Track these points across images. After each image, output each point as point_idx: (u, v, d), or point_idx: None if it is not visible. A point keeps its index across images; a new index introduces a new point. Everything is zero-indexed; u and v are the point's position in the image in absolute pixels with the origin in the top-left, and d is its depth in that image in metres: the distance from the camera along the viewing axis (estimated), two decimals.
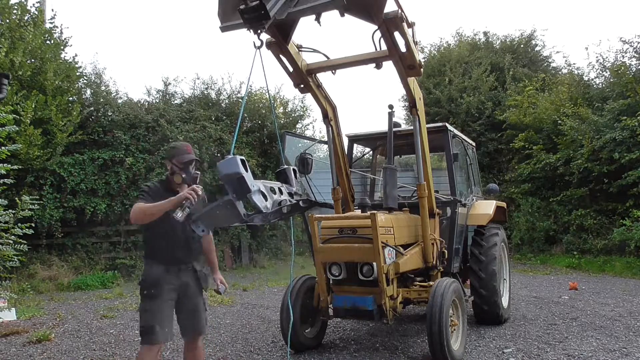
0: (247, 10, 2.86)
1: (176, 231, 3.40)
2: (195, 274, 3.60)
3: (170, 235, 3.40)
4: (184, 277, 3.53)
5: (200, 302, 3.62)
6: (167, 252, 3.44)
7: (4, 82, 4.61)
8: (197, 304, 3.61)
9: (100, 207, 10.94)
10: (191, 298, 3.57)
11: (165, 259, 3.46)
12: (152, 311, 3.46)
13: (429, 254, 5.00)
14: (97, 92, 12.47)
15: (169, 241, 3.42)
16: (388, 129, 5.04)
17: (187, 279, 3.54)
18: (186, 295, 3.55)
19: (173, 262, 3.47)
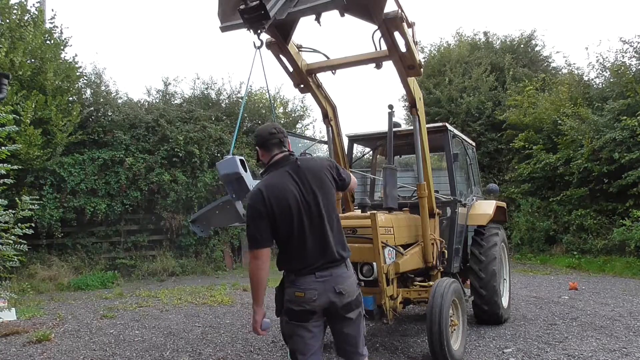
0: (247, 10, 2.86)
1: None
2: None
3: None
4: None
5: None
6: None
7: (4, 82, 4.62)
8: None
9: (100, 207, 10.94)
10: None
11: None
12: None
13: (429, 254, 5.00)
14: (97, 92, 12.49)
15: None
16: (388, 129, 5.03)
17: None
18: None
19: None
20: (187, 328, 6.30)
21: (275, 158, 2.81)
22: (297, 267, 2.72)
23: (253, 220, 2.65)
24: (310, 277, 2.69)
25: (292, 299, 2.70)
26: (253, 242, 2.66)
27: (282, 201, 2.65)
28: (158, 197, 11.55)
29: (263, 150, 2.85)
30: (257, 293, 2.71)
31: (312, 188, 2.73)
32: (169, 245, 11.94)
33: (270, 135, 2.82)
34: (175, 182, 11.46)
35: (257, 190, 2.68)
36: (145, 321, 6.75)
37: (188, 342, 5.61)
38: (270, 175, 2.76)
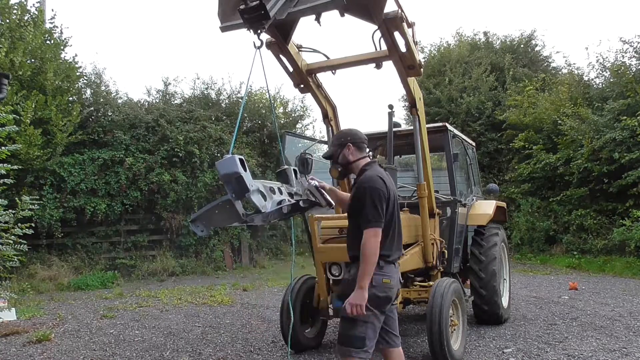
0: (247, 10, 2.86)
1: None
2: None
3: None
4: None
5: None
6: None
7: (4, 82, 4.62)
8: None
9: (100, 207, 10.94)
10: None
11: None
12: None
13: (429, 254, 5.00)
14: (97, 92, 12.49)
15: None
16: (388, 129, 5.03)
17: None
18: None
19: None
20: (187, 328, 6.30)
21: (368, 159, 3.21)
22: (387, 254, 2.97)
23: (379, 201, 2.90)
24: (392, 266, 3.01)
25: (378, 285, 2.90)
26: (376, 220, 2.88)
27: (393, 191, 3.04)
28: (158, 197, 11.55)
29: (356, 149, 3.19)
30: (370, 269, 2.85)
31: (396, 192, 3.14)
32: (169, 245, 11.93)
33: (365, 140, 3.26)
34: (175, 182, 11.46)
35: (378, 177, 2.99)
36: (145, 321, 6.75)
37: (188, 342, 5.61)
38: (375, 169, 3.11)
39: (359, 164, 3.19)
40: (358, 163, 3.20)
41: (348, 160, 3.20)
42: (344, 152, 3.20)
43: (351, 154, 3.19)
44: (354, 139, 3.20)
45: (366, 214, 2.91)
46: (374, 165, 3.16)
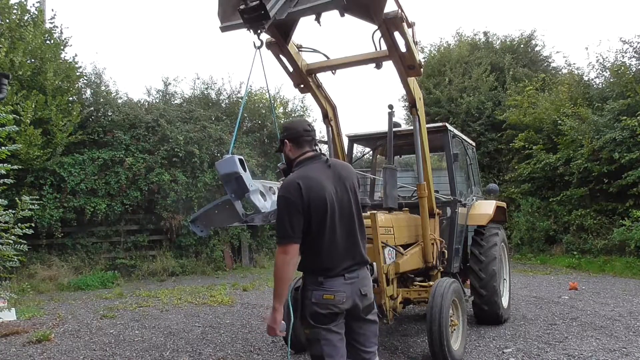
0: (247, 10, 2.86)
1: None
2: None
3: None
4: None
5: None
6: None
7: (4, 82, 4.62)
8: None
9: (100, 207, 10.94)
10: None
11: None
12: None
13: (429, 254, 5.00)
14: (97, 92, 12.48)
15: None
16: (388, 129, 5.03)
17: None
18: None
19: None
20: (187, 328, 6.30)
21: (307, 155, 2.75)
22: (326, 267, 2.63)
23: (287, 213, 2.54)
24: (339, 280, 2.63)
25: (319, 302, 2.61)
26: (284, 235, 2.54)
27: (319, 195, 2.56)
28: (158, 197, 11.55)
29: (293, 145, 2.77)
30: (281, 289, 2.61)
31: (346, 188, 2.70)
32: (169, 245, 11.93)
33: (305, 132, 2.77)
34: (175, 182, 11.46)
35: (293, 182, 2.57)
36: (145, 321, 6.75)
37: (188, 342, 5.61)
38: (303, 169, 2.68)
39: (297, 160, 2.78)
40: (297, 159, 2.78)
41: (289, 158, 2.82)
42: (284, 150, 2.82)
43: (290, 151, 2.79)
44: (289, 134, 2.78)
45: (277, 229, 2.61)
46: (307, 163, 2.72)
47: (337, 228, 2.63)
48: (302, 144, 2.76)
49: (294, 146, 2.77)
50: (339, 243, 2.64)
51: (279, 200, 2.59)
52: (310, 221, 2.57)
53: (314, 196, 2.55)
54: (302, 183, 2.55)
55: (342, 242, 2.65)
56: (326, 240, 2.61)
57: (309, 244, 2.61)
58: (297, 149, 2.77)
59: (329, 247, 2.62)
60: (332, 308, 2.60)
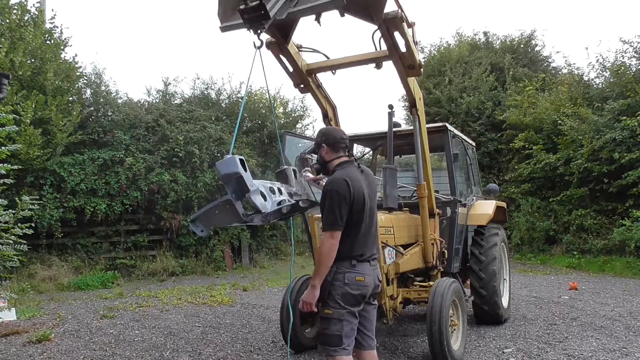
0: (247, 10, 2.86)
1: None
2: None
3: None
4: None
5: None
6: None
7: (4, 82, 4.61)
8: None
9: (100, 207, 10.94)
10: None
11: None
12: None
13: (429, 254, 5.00)
14: (97, 92, 12.48)
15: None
16: (388, 129, 5.03)
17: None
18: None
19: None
20: (187, 328, 6.30)
21: (342, 159, 3.16)
22: (360, 253, 3.00)
23: (338, 204, 2.89)
24: (367, 264, 3.03)
25: (351, 283, 2.94)
26: (333, 223, 2.89)
27: (359, 193, 2.97)
28: (158, 197, 11.55)
29: (330, 149, 3.16)
30: (324, 270, 2.91)
31: (372, 191, 3.14)
32: (169, 245, 11.93)
33: (342, 139, 3.19)
34: (175, 182, 11.46)
35: (342, 179, 2.94)
36: (145, 321, 6.75)
37: (188, 342, 5.61)
38: (345, 170, 3.06)
39: (332, 164, 3.17)
40: (332, 163, 3.17)
41: (324, 160, 3.21)
42: (320, 152, 3.21)
43: (326, 154, 3.18)
44: (328, 139, 3.18)
45: (324, 217, 2.97)
46: (345, 166, 3.11)
47: (368, 221, 3.05)
48: (338, 150, 3.17)
49: (330, 150, 3.17)
50: (369, 235, 3.07)
51: (331, 193, 2.93)
52: (352, 213, 2.95)
53: (357, 193, 2.95)
54: (349, 181, 2.95)
55: (370, 235, 3.09)
56: (362, 230, 3.01)
57: (348, 233, 2.97)
58: (332, 153, 3.17)
59: (362, 236, 3.02)
60: (362, 289, 2.97)
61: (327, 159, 3.18)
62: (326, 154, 3.18)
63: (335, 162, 3.16)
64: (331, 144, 3.16)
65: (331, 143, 3.16)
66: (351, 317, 2.94)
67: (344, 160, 3.16)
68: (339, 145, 3.17)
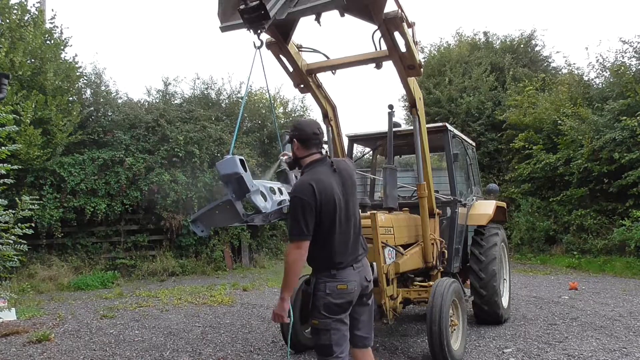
0: (247, 10, 2.86)
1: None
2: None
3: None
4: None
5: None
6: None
7: (4, 82, 4.61)
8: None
9: (100, 207, 10.93)
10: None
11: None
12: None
13: (429, 254, 5.00)
14: (97, 92, 12.48)
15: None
16: (388, 129, 5.03)
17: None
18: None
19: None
20: (187, 328, 6.30)
21: (314, 157, 2.95)
22: (338, 261, 2.85)
23: (302, 212, 2.72)
24: (349, 270, 2.88)
25: (333, 292, 2.82)
26: (298, 232, 2.74)
27: (329, 196, 2.78)
28: (158, 197, 11.54)
29: (301, 146, 2.95)
30: (292, 282, 2.81)
31: (348, 188, 2.94)
32: (169, 245, 11.93)
33: (314, 135, 2.94)
34: (175, 182, 11.46)
35: (307, 184, 2.76)
36: (145, 321, 6.75)
37: (188, 342, 5.61)
38: (313, 172, 2.88)
39: (304, 162, 2.98)
40: (304, 161, 2.98)
41: (296, 156, 3.03)
42: (292, 148, 3.02)
43: (297, 150, 2.98)
44: (299, 135, 2.94)
45: (289, 227, 2.85)
46: (315, 166, 2.91)
47: (344, 225, 2.87)
48: (310, 146, 2.95)
49: (301, 146, 2.96)
50: (347, 238, 2.89)
51: (294, 200, 2.77)
52: (322, 220, 2.78)
53: (325, 197, 2.76)
54: (315, 185, 2.75)
55: (349, 237, 2.90)
56: (336, 237, 2.83)
57: (321, 241, 2.82)
58: (304, 149, 2.96)
59: (338, 242, 2.85)
60: (346, 297, 2.84)
61: (298, 155, 2.98)
62: (297, 150, 2.97)
63: (306, 161, 2.96)
64: (303, 140, 2.93)
65: (303, 139, 2.93)
66: (339, 324, 2.84)
67: (315, 158, 2.94)
68: (311, 141, 2.93)
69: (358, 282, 2.90)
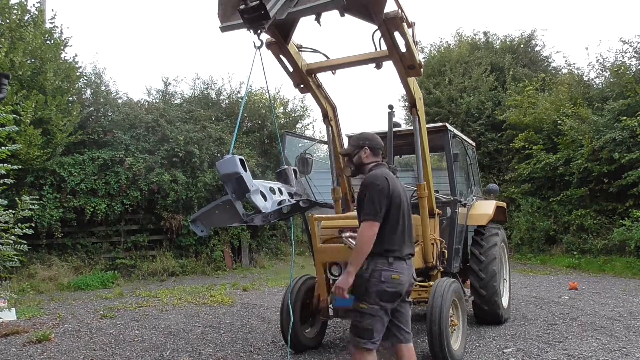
0: (247, 10, 2.86)
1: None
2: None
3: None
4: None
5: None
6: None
7: (4, 82, 4.61)
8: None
9: (100, 207, 10.93)
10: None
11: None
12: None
13: (429, 254, 4.99)
14: (97, 92, 12.48)
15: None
16: (388, 129, 5.03)
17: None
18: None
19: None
20: (187, 328, 6.30)
21: (380, 162, 3.39)
22: (397, 251, 3.13)
23: (378, 197, 3.05)
24: (403, 263, 3.17)
25: (388, 281, 3.06)
26: (373, 214, 3.03)
27: (398, 192, 3.16)
28: (158, 197, 11.54)
29: (372, 153, 3.38)
30: (360, 258, 3.06)
31: (406, 193, 3.31)
32: (169, 245, 11.93)
33: (382, 145, 3.46)
34: (175, 182, 11.46)
35: (383, 176, 3.14)
36: (145, 321, 6.75)
37: (188, 342, 5.61)
38: (383, 170, 3.26)
39: (369, 165, 3.36)
40: (369, 165, 3.36)
41: (362, 162, 3.37)
42: (360, 154, 3.37)
43: (366, 156, 3.36)
44: (372, 143, 3.38)
45: (364, 208, 3.09)
46: (382, 167, 3.32)
47: (405, 221, 3.20)
48: (377, 154, 3.40)
49: (371, 154, 3.38)
50: (406, 234, 3.20)
51: (372, 186, 3.10)
52: (390, 209, 3.09)
53: (395, 190, 3.14)
54: (388, 178, 3.15)
55: (407, 234, 3.21)
56: (399, 229, 3.15)
57: (385, 229, 3.10)
58: (372, 156, 3.38)
59: (400, 234, 3.15)
60: (398, 287, 3.10)
61: (366, 161, 3.36)
62: (366, 157, 3.36)
63: (372, 164, 3.35)
64: (373, 147, 3.37)
65: (373, 147, 3.37)
66: (384, 313, 3.08)
67: (381, 163, 3.38)
68: (379, 150, 3.41)
69: (407, 277, 3.17)
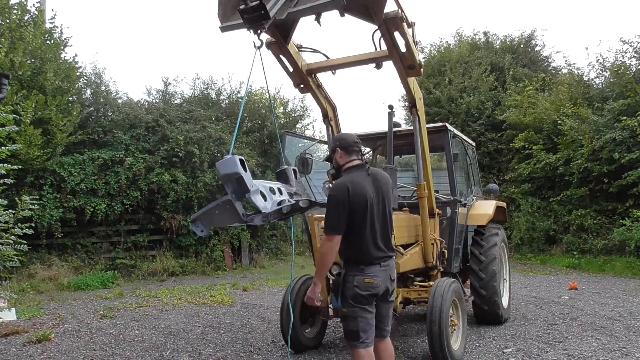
0: (247, 10, 2.86)
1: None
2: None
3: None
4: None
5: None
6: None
7: (4, 82, 4.61)
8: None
9: (100, 207, 10.93)
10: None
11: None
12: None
13: (429, 254, 5.00)
14: (97, 92, 12.48)
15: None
16: (388, 129, 5.03)
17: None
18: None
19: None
20: (187, 328, 6.30)
21: (354, 163, 3.33)
22: (366, 256, 3.19)
23: (336, 209, 3.11)
24: (376, 267, 3.21)
25: (360, 285, 3.16)
26: (331, 227, 3.13)
27: (362, 197, 3.13)
28: (158, 197, 11.54)
29: (344, 153, 3.36)
30: (323, 270, 3.25)
31: (382, 192, 3.29)
32: (169, 245, 11.92)
33: (354, 143, 3.37)
34: (175, 182, 11.45)
35: (344, 185, 3.15)
36: (145, 321, 6.75)
37: (188, 342, 5.62)
38: (351, 175, 3.25)
39: (344, 167, 3.36)
40: (344, 166, 3.36)
41: (339, 164, 3.39)
42: (335, 157, 3.40)
43: (340, 157, 3.37)
44: (342, 143, 3.37)
45: (325, 220, 3.21)
46: (352, 170, 3.29)
47: (375, 225, 3.21)
48: (351, 153, 3.35)
49: (344, 153, 3.36)
50: (376, 237, 3.21)
51: (331, 198, 3.16)
52: (354, 218, 3.12)
53: (357, 197, 3.12)
54: (350, 186, 3.13)
55: (378, 237, 3.22)
56: (366, 236, 3.17)
57: (353, 237, 3.17)
58: (346, 156, 3.35)
59: (368, 240, 3.18)
60: (371, 290, 3.17)
61: (340, 162, 3.37)
62: (340, 158, 3.36)
63: (346, 166, 3.34)
64: (344, 147, 3.34)
65: (344, 146, 3.34)
66: (364, 313, 3.16)
67: (354, 164, 3.32)
68: (352, 148, 3.35)
69: (383, 280, 3.21)
